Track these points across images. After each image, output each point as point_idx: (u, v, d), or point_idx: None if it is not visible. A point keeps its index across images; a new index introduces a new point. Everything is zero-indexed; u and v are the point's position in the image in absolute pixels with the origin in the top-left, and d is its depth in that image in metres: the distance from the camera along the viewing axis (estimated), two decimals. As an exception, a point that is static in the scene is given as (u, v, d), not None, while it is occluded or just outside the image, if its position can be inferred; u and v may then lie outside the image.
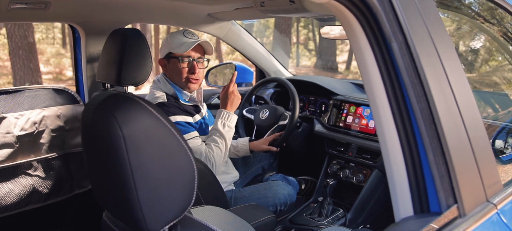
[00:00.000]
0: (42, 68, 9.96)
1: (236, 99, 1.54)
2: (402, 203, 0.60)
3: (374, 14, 0.56)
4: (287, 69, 2.37)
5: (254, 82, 2.34)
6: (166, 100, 1.42)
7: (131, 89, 1.47)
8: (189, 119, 1.43)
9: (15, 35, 6.70)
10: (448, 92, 0.59)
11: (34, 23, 7.74)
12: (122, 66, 1.20)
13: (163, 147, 0.57)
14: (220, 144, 1.45)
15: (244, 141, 1.75)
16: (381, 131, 0.61)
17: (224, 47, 11.77)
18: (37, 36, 10.78)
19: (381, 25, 0.57)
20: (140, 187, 0.56)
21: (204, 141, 1.49)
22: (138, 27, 9.19)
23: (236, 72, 1.63)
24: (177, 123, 1.38)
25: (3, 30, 8.46)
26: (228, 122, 1.50)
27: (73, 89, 1.60)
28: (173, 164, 0.58)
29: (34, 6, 1.21)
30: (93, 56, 1.55)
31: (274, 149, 1.71)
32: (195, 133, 1.43)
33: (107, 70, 1.25)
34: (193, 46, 1.41)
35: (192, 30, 1.49)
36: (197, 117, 1.48)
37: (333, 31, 1.80)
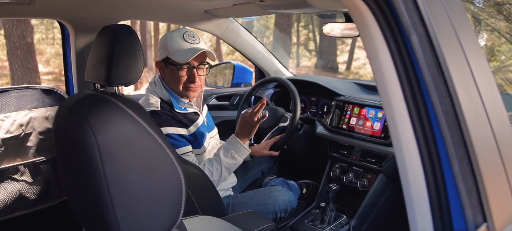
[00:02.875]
0: (42, 68, 9.90)
1: (250, 128, 1.45)
2: (421, 220, 0.52)
3: (390, 2, 0.49)
4: (287, 69, 2.30)
5: (253, 83, 2.26)
6: (159, 109, 1.32)
7: (130, 88, 1.38)
8: (182, 131, 1.33)
9: (13, 35, 6.66)
10: (474, 93, 0.51)
11: (33, 24, 7.68)
12: (112, 65, 1.12)
13: (145, 156, 0.49)
14: (214, 172, 1.36)
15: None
16: (396, 137, 0.53)
17: (224, 48, 11.69)
18: (37, 36, 10.72)
19: (398, 15, 0.49)
20: (117, 202, 0.48)
21: (202, 153, 1.41)
22: (137, 26, 9.09)
23: (265, 101, 1.52)
24: (168, 135, 1.29)
25: (2, 30, 8.41)
26: (236, 152, 1.40)
27: (63, 89, 1.53)
28: (156, 176, 0.50)
29: (18, 1, 1.13)
30: (83, 55, 1.47)
31: (276, 153, 1.64)
32: (188, 148, 1.34)
33: (96, 70, 1.17)
34: (194, 56, 1.30)
35: (193, 31, 1.39)
36: (194, 127, 1.38)
37: (335, 29, 1.72)
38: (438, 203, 0.51)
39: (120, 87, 1.23)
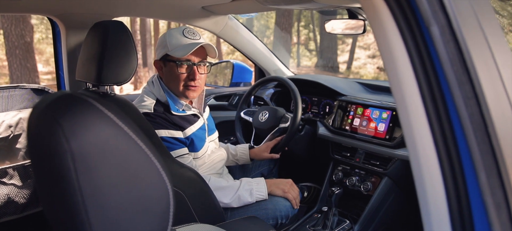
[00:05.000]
0: (42, 68, 9.87)
1: (282, 184, 1.38)
2: (440, 237, 0.46)
3: (407, -11, 0.43)
4: (288, 68, 2.23)
5: (253, 82, 2.20)
6: (152, 111, 1.25)
7: (130, 88, 1.32)
8: (177, 134, 1.27)
9: (11, 34, 6.63)
10: (502, 93, 0.45)
11: (33, 23, 7.63)
12: (103, 64, 1.07)
13: (126, 164, 0.43)
14: (222, 193, 1.29)
15: (243, 148, 1.61)
16: (412, 144, 0.47)
17: (224, 47, 11.64)
18: (37, 36, 10.68)
19: (416, 4, 0.42)
20: (95, 219, 0.42)
21: (201, 157, 1.35)
22: (137, 25, 9.01)
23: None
24: (162, 138, 1.23)
25: (1, 30, 8.37)
26: (257, 191, 1.32)
27: (54, 89, 1.47)
28: (139, 187, 0.44)
29: (4, -5, 1.08)
30: (75, 53, 1.41)
31: (276, 155, 1.58)
32: (184, 150, 1.27)
33: (87, 68, 1.12)
34: (193, 49, 1.23)
35: (193, 28, 1.33)
36: (190, 130, 1.31)
37: (338, 26, 1.66)
38: (460, 219, 0.45)
39: (119, 87, 1.18)
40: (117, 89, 7.67)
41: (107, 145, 0.42)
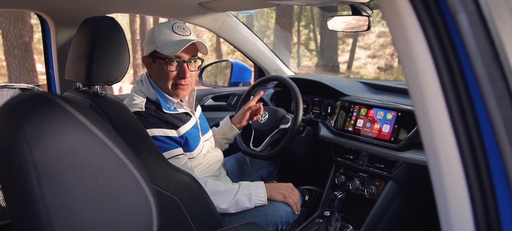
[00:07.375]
0: (41, 68, 9.81)
1: (282, 189, 1.31)
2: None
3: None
4: (289, 68, 2.17)
5: (252, 82, 2.14)
6: (143, 110, 1.19)
7: (129, 88, 1.25)
8: (171, 133, 1.21)
9: (10, 34, 6.59)
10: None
11: (33, 23, 7.57)
12: (93, 62, 1.01)
13: (100, 178, 0.37)
14: (219, 198, 1.22)
15: (225, 121, 1.58)
16: (432, 150, 0.41)
17: (224, 47, 11.57)
18: (37, 36, 10.63)
19: (440, -12, 0.36)
20: (62, 240, 0.35)
21: (196, 157, 1.28)
22: (137, 25, 8.93)
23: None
24: (154, 137, 1.17)
25: (-1, 29, 8.32)
26: (256, 196, 1.25)
27: (45, 89, 1.41)
28: (116, 203, 0.38)
29: (-13, -10, 1.01)
30: (65, 50, 1.35)
31: (256, 105, 1.56)
32: (178, 150, 1.22)
33: (77, 67, 1.06)
34: (184, 47, 1.18)
35: (183, 23, 1.28)
36: (184, 128, 1.25)
37: (341, 23, 1.60)
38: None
39: (118, 87, 1.11)
40: (116, 90, 7.60)
41: (77, 154, 0.36)
